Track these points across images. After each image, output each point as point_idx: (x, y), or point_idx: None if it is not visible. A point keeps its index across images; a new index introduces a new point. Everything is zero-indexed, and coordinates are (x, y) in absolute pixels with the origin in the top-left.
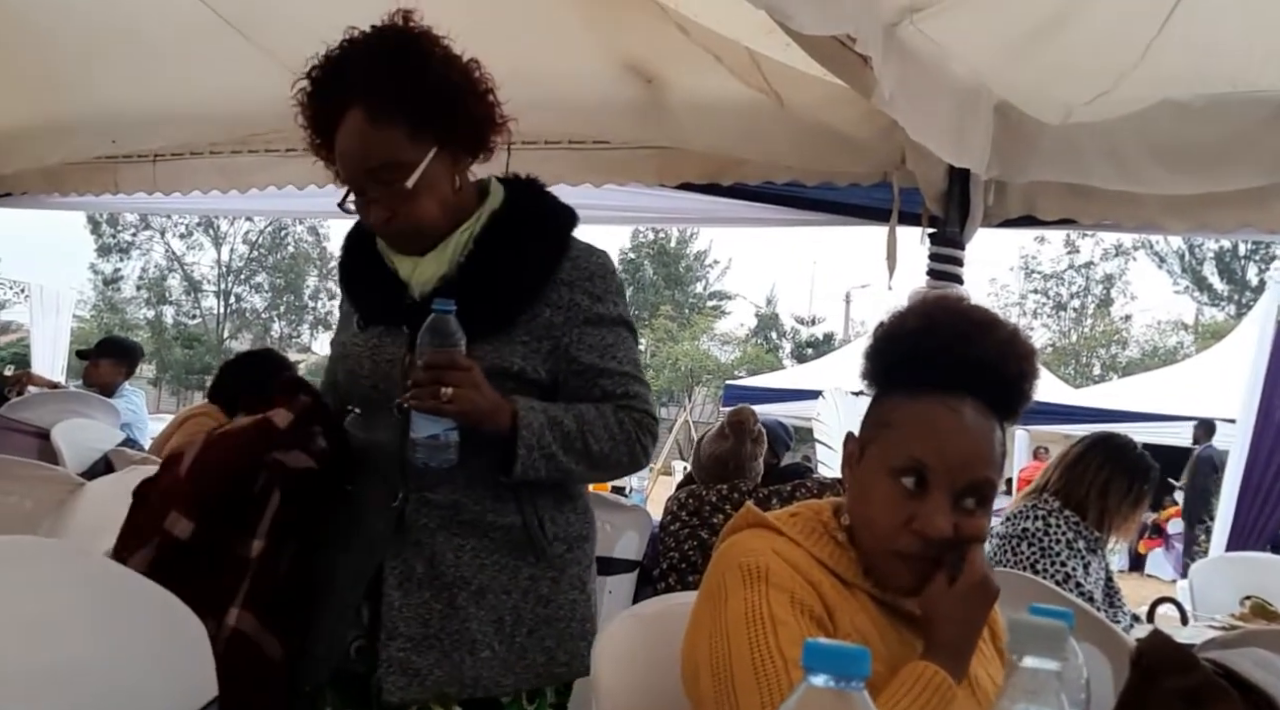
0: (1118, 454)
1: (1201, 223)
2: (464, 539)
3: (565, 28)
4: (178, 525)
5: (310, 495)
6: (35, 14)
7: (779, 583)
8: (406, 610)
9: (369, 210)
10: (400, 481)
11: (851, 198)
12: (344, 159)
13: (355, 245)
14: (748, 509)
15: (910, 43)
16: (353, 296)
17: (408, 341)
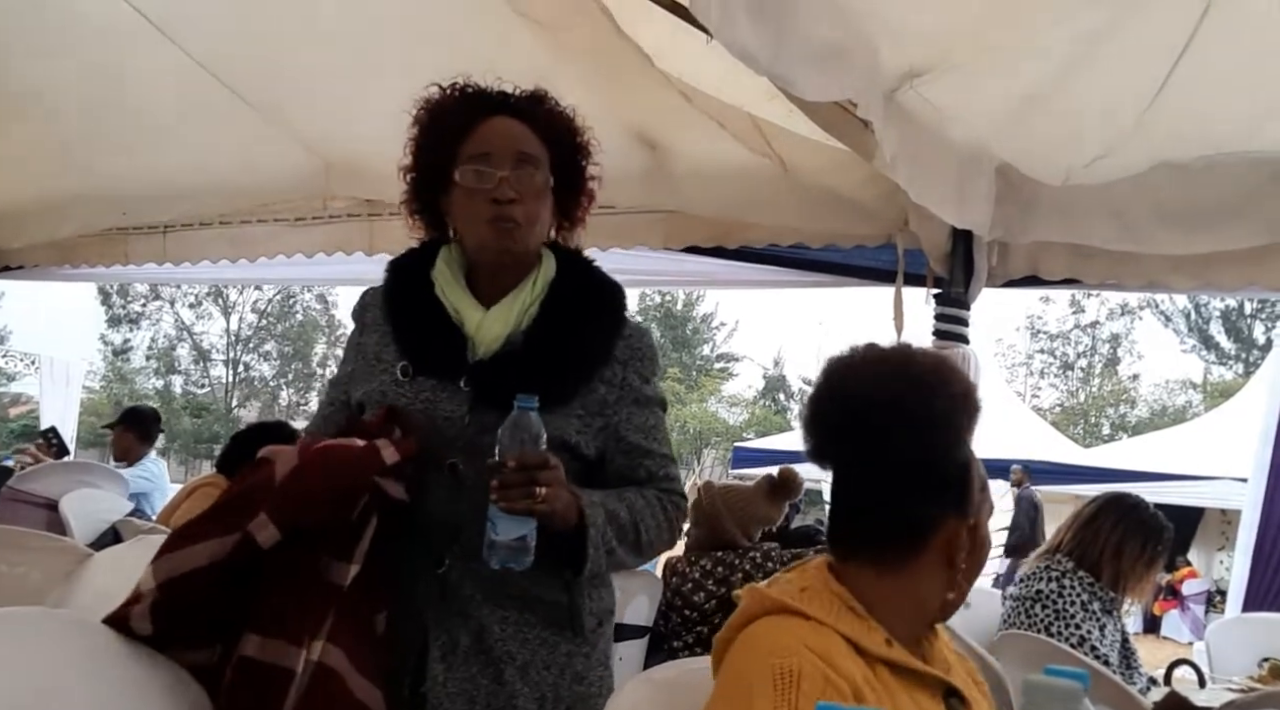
0: (1131, 514)
1: (1206, 281)
2: (507, 611)
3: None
4: (263, 530)
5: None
6: (46, 89)
7: (810, 691)
8: (452, 685)
9: (495, 184)
10: (447, 547)
11: (856, 259)
12: (492, 142)
13: (406, 286)
14: (759, 593)
15: (911, 107)
16: (402, 341)
17: (469, 400)
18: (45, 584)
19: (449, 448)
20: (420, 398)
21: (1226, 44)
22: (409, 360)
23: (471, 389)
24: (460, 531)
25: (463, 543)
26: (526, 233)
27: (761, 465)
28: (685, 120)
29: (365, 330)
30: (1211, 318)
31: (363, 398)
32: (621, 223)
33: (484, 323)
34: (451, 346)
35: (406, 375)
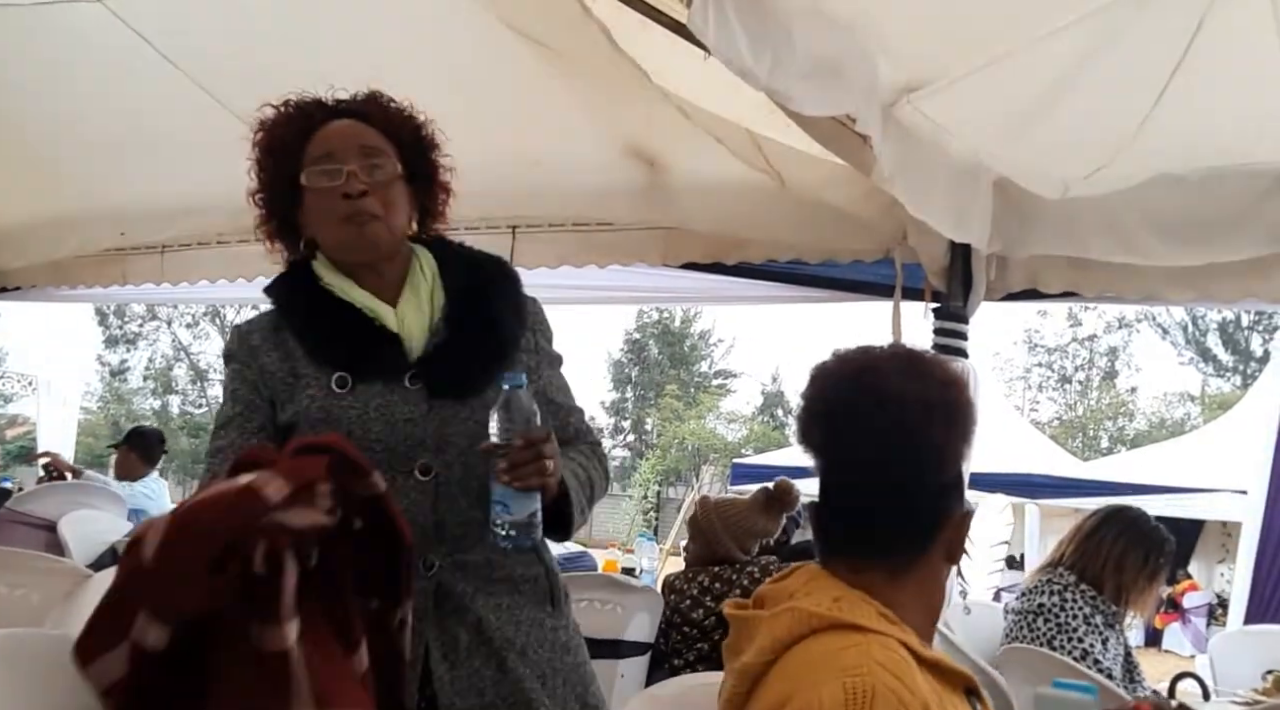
0: (1132, 526)
1: (1204, 293)
2: (499, 598)
3: (567, 113)
4: (149, 632)
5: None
6: (43, 110)
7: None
8: (458, 683)
9: (343, 180)
10: (434, 548)
11: (854, 274)
12: (333, 141)
13: (302, 301)
14: (808, 614)
15: (908, 122)
16: (326, 353)
17: (424, 397)
18: (45, 605)
19: (416, 449)
20: (371, 405)
21: (1222, 56)
22: (345, 370)
23: (422, 385)
24: (444, 529)
25: (447, 540)
26: (386, 222)
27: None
28: (683, 136)
29: (257, 354)
30: (1209, 330)
31: (292, 418)
32: (619, 239)
33: (403, 319)
34: (387, 348)
35: (344, 386)
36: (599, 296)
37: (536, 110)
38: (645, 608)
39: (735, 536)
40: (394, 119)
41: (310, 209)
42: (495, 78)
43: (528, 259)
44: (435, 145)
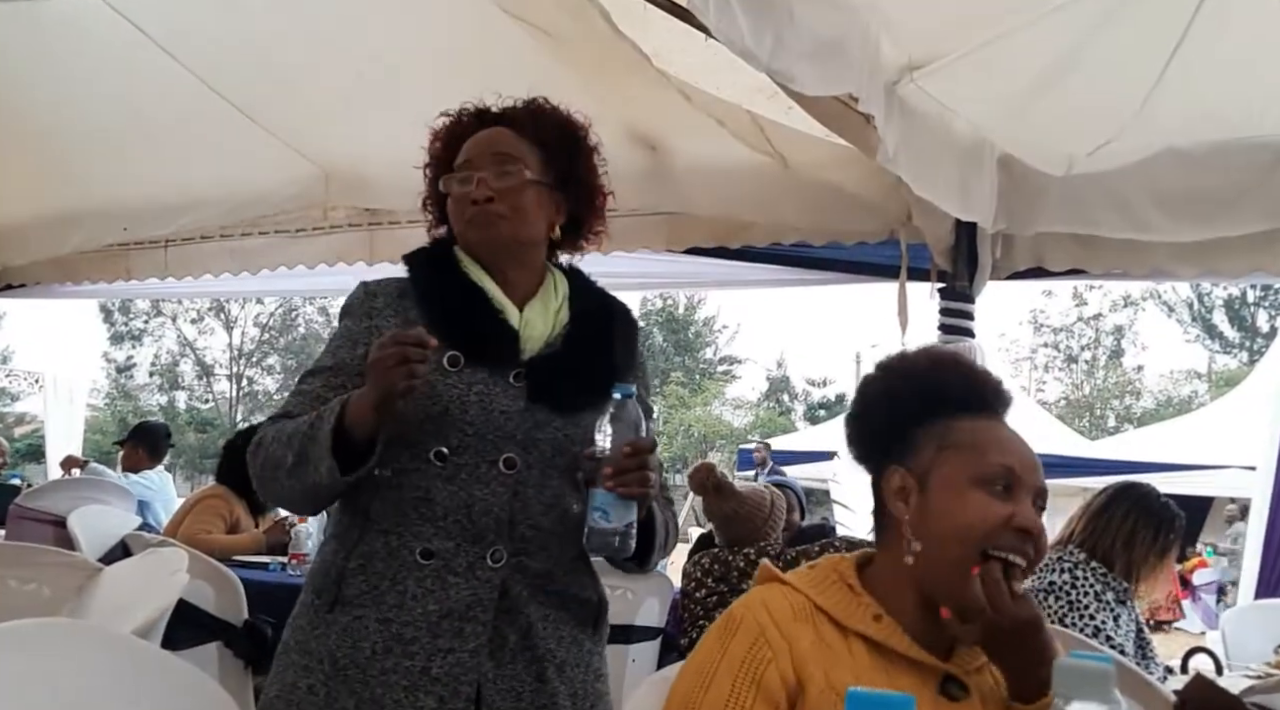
0: (1143, 503)
1: (1211, 268)
2: (549, 610)
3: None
4: None
5: None
6: (43, 107)
7: (742, 639)
8: (501, 682)
9: (473, 186)
10: (504, 541)
11: (859, 256)
12: (471, 149)
13: (436, 274)
14: (764, 567)
15: (911, 100)
16: (445, 329)
17: (524, 395)
18: (56, 599)
19: (506, 441)
20: (474, 389)
21: (1226, 28)
22: (458, 349)
23: (527, 384)
24: (516, 527)
25: (515, 537)
26: (512, 223)
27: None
28: (685, 120)
29: (377, 315)
30: (1214, 307)
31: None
32: (623, 226)
33: (527, 320)
34: (504, 340)
35: (455, 365)
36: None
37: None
38: (655, 593)
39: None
40: (544, 122)
41: (450, 212)
42: (494, 63)
43: None
44: (588, 150)
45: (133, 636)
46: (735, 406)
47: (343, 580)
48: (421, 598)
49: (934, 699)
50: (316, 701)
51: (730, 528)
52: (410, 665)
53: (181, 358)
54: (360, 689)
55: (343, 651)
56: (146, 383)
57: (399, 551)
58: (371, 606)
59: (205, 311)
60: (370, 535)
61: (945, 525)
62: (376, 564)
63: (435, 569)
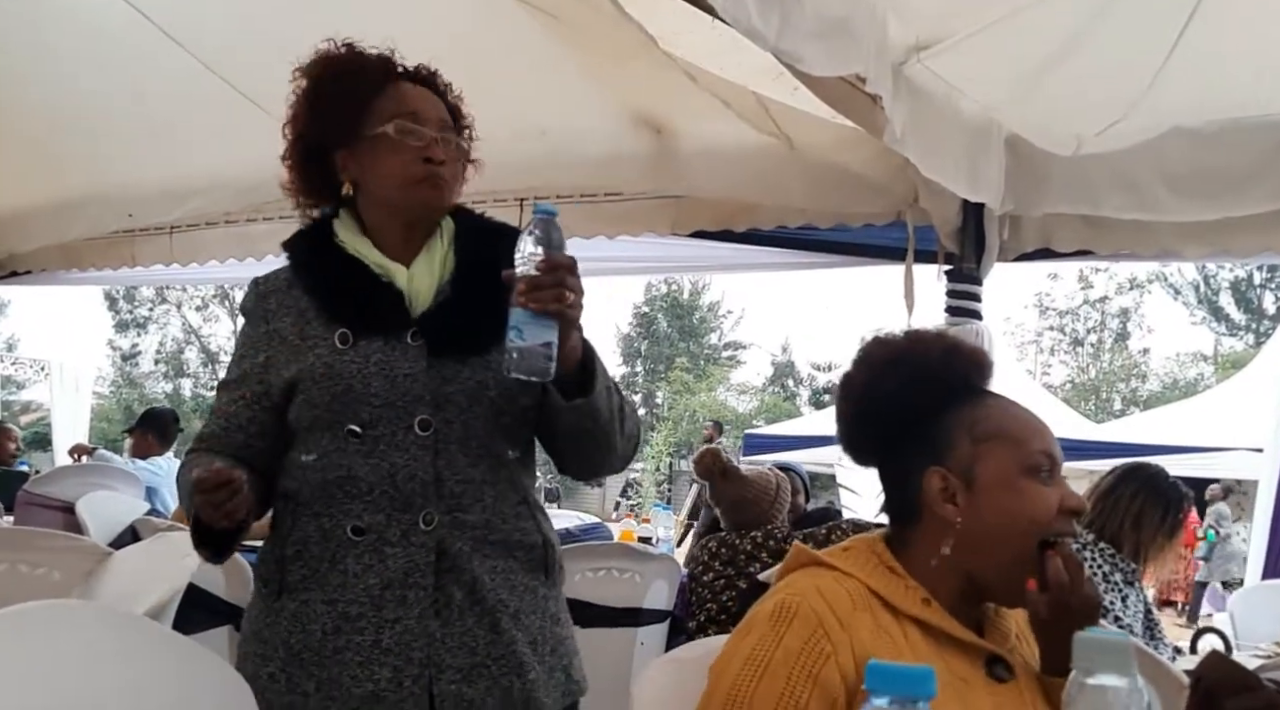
0: (1150, 483)
1: (1220, 248)
2: (495, 561)
3: (572, 81)
4: None
5: None
6: (47, 92)
7: (800, 629)
8: (450, 640)
9: (431, 148)
10: (433, 503)
11: (866, 238)
12: (417, 103)
13: (316, 259)
14: (799, 549)
15: (919, 81)
16: (334, 309)
17: (424, 353)
18: (66, 583)
19: (416, 404)
20: (372, 360)
21: (1236, 6)
22: (347, 326)
23: (424, 341)
24: (443, 485)
25: (444, 496)
26: (449, 191)
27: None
28: (690, 101)
29: (273, 316)
30: (1221, 289)
31: (295, 377)
32: (628, 209)
33: (413, 276)
34: (391, 304)
35: (347, 342)
36: (608, 268)
37: (541, 79)
38: (663, 576)
39: (730, 515)
40: (451, 101)
41: (375, 159)
42: (498, 46)
43: None
44: (472, 133)
45: (145, 618)
46: (740, 392)
47: (284, 567)
48: (362, 574)
49: (985, 682)
50: (279, 688)
51: (737, 512)
52: (360, 640)
53: (186, 345)
54: (317, 670)
55: (295, 637)
56: (152, 370)
57: (332, 532)
58: (316, 589)
59: (210, 299)
60: (302, 520)
61: (1004, 521)
62: (312, 547)
63: (371, 543)
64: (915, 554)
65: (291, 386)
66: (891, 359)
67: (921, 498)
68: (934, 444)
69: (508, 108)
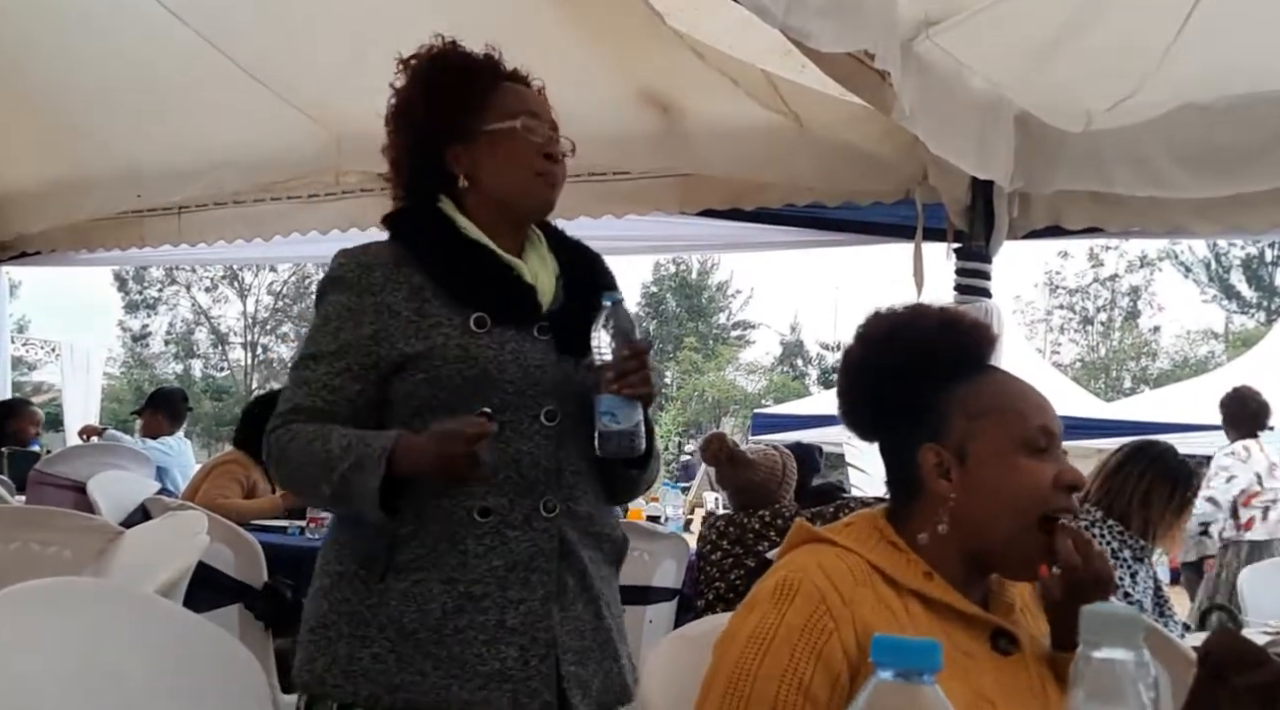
0: (1158, 461)
1: (1231, 225)
2: (592, 551)
3: (579, 60)
4: None
5: None
6: (55, 74)
7: (801, 605)
8: (567, 624)
9: (551, 144)
10: (554, 491)
11: (874, 216)
12: (535, 103)
13: (437, 240)
14: (800, 526)
15: (928, 57)
16: (464, 292)
17: (551, 348)
18: (77, 562)
19: (544, 395)
20: (507, 348)
21: None
22: (483, 310)
23: (550, 338)
24: (562, 476)
25: (562, 486)
26: (559, 189)
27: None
28: (698, 79)
29: (380, 289)
30: (1232, 266)
31: (421, 353)
32: (637, 188)
33: (538, 272)
34: (524, 295)
35: (483, 326)
36: (617, 247)
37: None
38: (671, 554)
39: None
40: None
41: (496, 154)
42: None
43: None
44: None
45: (155, 596)
46: (749, 371)
47: (394, 547)
48: (484, 555)
49: (989, 655)
50: (386, 669)
51: (745, 495)
52: (485, 620)
53: (196, 326)
54: (436, 650)
55: (408, 617)
56: (162, 351)
57: (454, 512)
58: (432, 569)
59: (219, 280)
60: (420, 500)
61: (999, 497)
62: (431, 527)
63: (494, 525)
64: (915, 529)
65: (407, 362)
66: (890, 332)
67: (919, 473)
68: (929, 420)
69: None
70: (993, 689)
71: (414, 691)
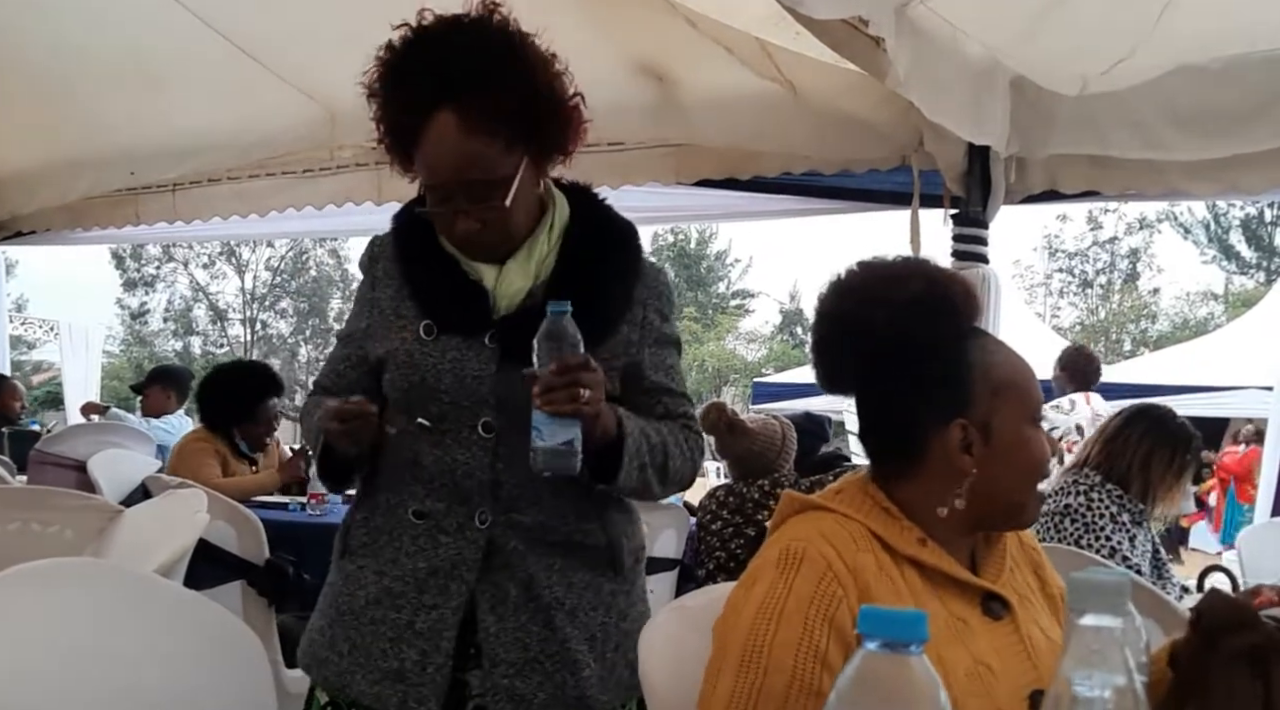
0: (1158, 424)
1: (1228, 186)
2: (554, 558)
3: (572, 29)
4: None
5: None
6: (45, 52)
7: (809, 573)
8: (504, 635)
9: (455, 221)
10: (488, 503)
11: (871, 183)
12: (432, 168)
13: (416, 239)
14: (790, 496)
15: (922, 22)
16: (421, 298)
17: (496, 357)
18: (78, 542)
19: (480, 405)
20: (447, 357)
21: None
22: (431, 319)
23: (498, 346)
24: (500, 487)
25: (502, 498)
26: (508, 235)
27: (781, 400)
28: (692, 48)
29: (378, 284)
30: (1231, 227)
31: (384, 355)
32: (631, 159)
33: (504, 277)
34: (474, 304)
35: (430, 334)
36: None
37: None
38: (672, 525)
39: (738, 467)
40: (517, 105)
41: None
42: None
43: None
44: (568, 102)
45: (155, 575)
46: (749, 340)
47: (349, 531)
48: (414, 555)
49: (981, 620)
50: (323, 641)
51: (744, 465)
52: (397, 617)
53: (195, 303)
54: (353, 635)
55: (344, 598)
56: (161, 328)
57: (395, 509)
58: (371, 558)
59: (216, 256)
60: (374, 491)
61: (1016, 471)
62: (377, 518)
63: (427, 528)
64: (914, 497)
65: (381, 363)
66: (887, 290)
67: (929, 442)
68: (957, 394)
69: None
70: (988, 653)
71: (329, 670)
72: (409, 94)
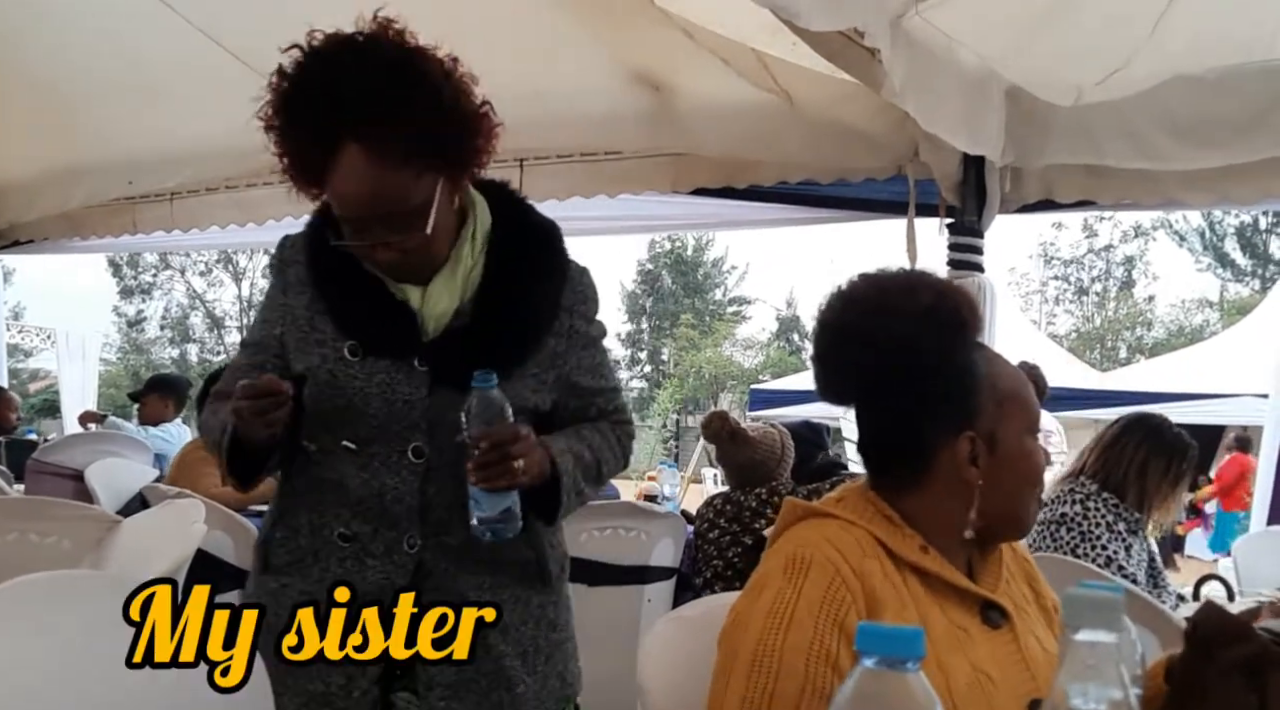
0: (1154, 433)
1: (1222, 196)
2: (483, 576)
3: (570, 41)
4: None
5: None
6: (43, 62)
7: (817, 579)
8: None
9: (374, 251)
10: (416, 527)
11: (867, 193)
12: (345, 202)
13: (329, 255)
14: (793, 504)
15: (918, 33)
16: (341, 318)
17: (427, 381)
18: (76, 552)
19: (411, 430)
20: (375, 380)
21: None
22: (355, 339)
23: (429, 368)
24: (429, 511)
25: (431, 522)
26: (429, 260)
27: (778, 406)
28: (688, 59)
29: (289, 290)
30: (1226, 235)
31: (304, 371)
32: (629, 168)
33: (430, 297)
34: (401, 325)
35: (356, 355)
36: (610, 227)
37: (538, 38)
38: (669, 533)
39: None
40: (424, 129)
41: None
42: (492, 7)
43: (536, 192)
44: (477, 116)
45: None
46: (746, 347)
47: (269, 546)
48: (341, 577)
49: (980, 628)
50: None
51: (744, 473)
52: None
53: (192, 311)
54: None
55: (269, 615)
56: (158, 336)
57: (321, 530)
58: (297, 576)
59: (213, 264)
60: (296, 508)
61: (1018, 481)
62: (301, 538)
63: (354, 551)
64: (917, 506)
65: (301, 379)
66: (927, 314)
67: (936, 454)
68: (966, 407)
69: (504, 68)
70: (987, 662)
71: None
72: (310, 126)
